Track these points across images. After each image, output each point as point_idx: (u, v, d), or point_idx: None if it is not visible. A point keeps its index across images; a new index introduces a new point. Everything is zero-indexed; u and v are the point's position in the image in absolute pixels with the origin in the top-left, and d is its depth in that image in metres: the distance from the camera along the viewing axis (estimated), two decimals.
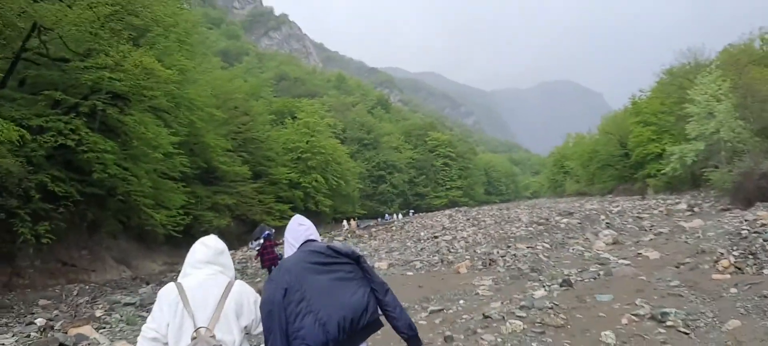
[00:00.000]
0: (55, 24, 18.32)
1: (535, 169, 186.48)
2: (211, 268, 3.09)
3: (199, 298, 2.89)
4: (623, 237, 18.49)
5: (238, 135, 38.36)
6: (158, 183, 23.34)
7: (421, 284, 13.27)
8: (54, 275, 18.74)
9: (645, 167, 55.67)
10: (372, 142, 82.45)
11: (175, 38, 24.75)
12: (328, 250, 3.17)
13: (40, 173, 17.68)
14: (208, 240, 3.22)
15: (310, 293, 2.95)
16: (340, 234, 37.05)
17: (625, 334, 6.67)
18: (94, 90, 19.77)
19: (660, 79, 55.70)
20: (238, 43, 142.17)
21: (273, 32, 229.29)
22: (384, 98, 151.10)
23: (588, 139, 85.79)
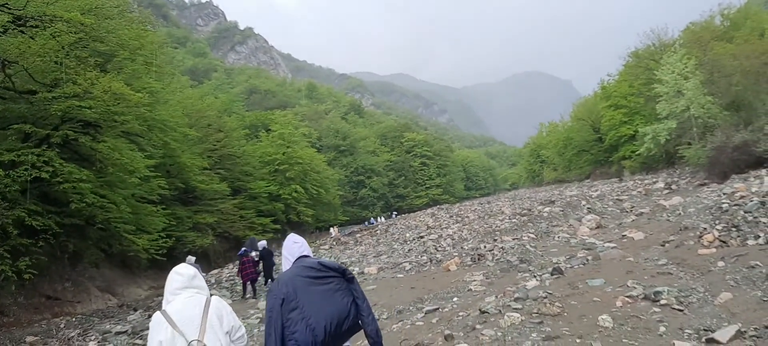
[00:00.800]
0: (19, 56, 18.02)
1: (511, 161, 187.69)
2: (188, 292, 3.66)
3: (185, 318, 3.47)
4: (606, 221, 18.74)
5: (214, 152, 38.04)
6: (137, 208, 23.04)
7: (412, 286, 13.30)
8: (39, 310, 18.38)
9: (619, 150, 56.37)
10: (348, 148, 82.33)
11: (142, 61, 24.44)
12: (319, 265, 3.83)
13: (16, 209, 17.34)
14: (180, 269, 3.78)
15: (303, 303, 3.61)
16: (326, 243, 36.92)
17: (622, 316, 6.74)
18: (65, 119, 19.49)
19: (626, 63, 56.44)
20: (206, 60, 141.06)
21: (239, 46, 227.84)
22: (356, 103, 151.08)
23: (561, 126, 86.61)
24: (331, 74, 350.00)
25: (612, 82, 60.93)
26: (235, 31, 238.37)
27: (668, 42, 48.37)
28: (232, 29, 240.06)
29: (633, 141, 50.67)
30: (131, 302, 21.73)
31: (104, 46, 21.28)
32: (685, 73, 37.05)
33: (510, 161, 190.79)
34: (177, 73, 43.00)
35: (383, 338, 7.05)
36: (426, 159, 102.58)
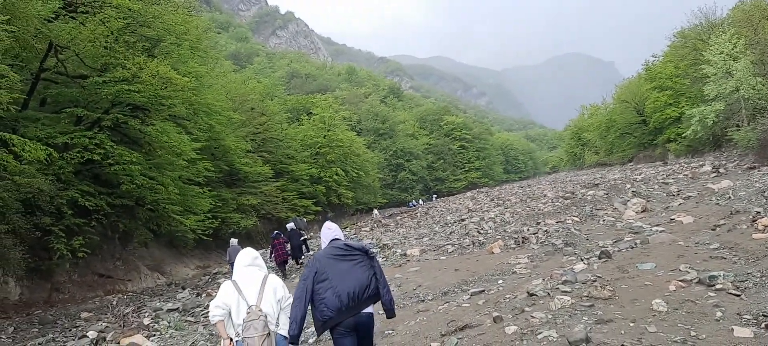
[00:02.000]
0: (71, 42, 18.54)
1: (552, 144, 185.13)
2: (252, 269, 4.98)
3: (248, 287, 4.75)
4: (652, 204, 18.39)
5: (257, 136, 38.55)
6: (184, 189, 23.59)
7: (456, 268, 13.29)
8: (92, 288, 19.05)
9: (664, 132, 55.04)
10: (387, 132, 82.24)
11: (188, 46, 24.88)
12: (345, 246, 4.94)
13: (70, 189, 17.98)
14: (247, 250, 5.21)
15: (332, 275, 4.69)
16: (367, 225, 37.16)
17: (676, 300, 6.62)
18: (115, 103, 20.02)
19: (672, 43, 54.83)
20: (248, 45, 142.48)
21: (280, 31, 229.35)
22: (396, 86, 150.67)
23: (603, 109, 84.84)
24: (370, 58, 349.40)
25: (657, 63, 59.37)
26: (277, 16, 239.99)
27: (716, 21, 46.89)
28: (273, 13, 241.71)
29: (678, 123, 49.45)
30: (179, 280, 22.32)
31: (151, 32, 21.72)
32: (735, 54, 35.93)
33: (550, 144, 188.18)
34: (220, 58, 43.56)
35: (429, 319, 7.44)
36: (465, 142, 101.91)
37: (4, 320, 14.69)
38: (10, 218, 15.72)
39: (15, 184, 15.15)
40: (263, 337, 4.46)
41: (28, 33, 17.02)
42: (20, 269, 16.41)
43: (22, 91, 18.15)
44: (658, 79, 54.95)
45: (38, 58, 18.88)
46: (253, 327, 4.46)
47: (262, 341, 4.44)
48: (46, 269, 17.69)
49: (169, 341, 9.86)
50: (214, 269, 24.77)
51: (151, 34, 22.00)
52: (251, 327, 4.47)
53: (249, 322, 4.50)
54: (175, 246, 25.80)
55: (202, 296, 15.92)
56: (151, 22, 21.44)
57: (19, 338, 12.57)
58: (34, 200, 16.71)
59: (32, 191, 15.95)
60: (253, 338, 4.43)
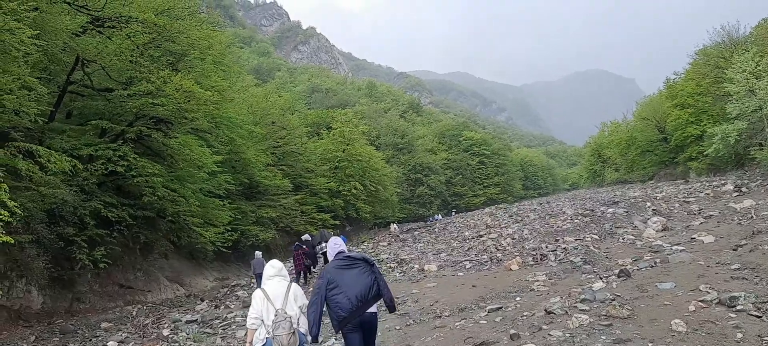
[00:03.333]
0: (97, 55, 18.88)
1: (571, 161, 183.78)
2: (277, 278, 6.00)
3: (275, 295, 5.78)
4: (672, 223, 18.23)
5: (277, 149, 38.84)
6: (205, 202, 23.80)
7: (474, 284, 13.28)
8: (112, 298, 19.28)
9: (685, 150, 54.47)
10: (406, 146, 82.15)
11: (211, 60, 25.19)
12: (348, 258, 5.97)
13: (93, 200, 18.26)
14: (273, 262, 6.24)
15: (341, 282, 5.72)
16: (384, 239, 37.13)
17: (696, 321, 6.57)
18: (138, 116, 20.32)
19: (694, 61, 54.28)
20: (270, 60, 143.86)
21: (302, 46, 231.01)
22: (415, 102, 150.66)
23: (624, 126, 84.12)
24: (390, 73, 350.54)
25: (679, 80, 58.84)
26: (298, 31, 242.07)
27: (739, 39, 46.41)
28: (295, 29, 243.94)
29: (700, 142, 48.91)
30: (198, 292, 22.48)
31: (176, 46, 22.04)
32: (758, 72, 35.49)
33: (570, 161, 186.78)
34: (243, 72, 44.05)
35: (446, 335, 7.51)
36: (484, 158, 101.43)
37: (26, 328, 14.93)
38: (35, 228, 16.01)
39: (40, 194, 15.45)
40: (290, 335, 5.51)
41: (56, 47, 17.42)
42: (43, 279, 16.69)
43: (49, 103, 18.53)
44: (680, 96, 54.45)
45: (65, 72, 19.28)
46: (281, 327, 5.49)
47: (288, 338, 5.49)
48: (68, 279, 17.95)
49: None
50: (233, 281, 24.90)
51: (175, 49, 22.33)
52: (280, 327, 5.49)
53: (278, 322, 5.52)
54: (194, 258, 26.01)
55: (221, 308, 16.04)
56: (175, 37, 21.76)
57: None
58: (58, 211, 17.02)
59: (56, 201, 16.25)
60: (282, 336, 5.46)
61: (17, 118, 15.47)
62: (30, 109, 15.27)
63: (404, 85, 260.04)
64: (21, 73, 14.88)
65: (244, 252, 30.83)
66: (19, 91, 14.77)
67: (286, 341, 5.46)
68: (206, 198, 24.20)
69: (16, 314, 15.55)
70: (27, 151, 14.83)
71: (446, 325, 9.44)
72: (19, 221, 13.92)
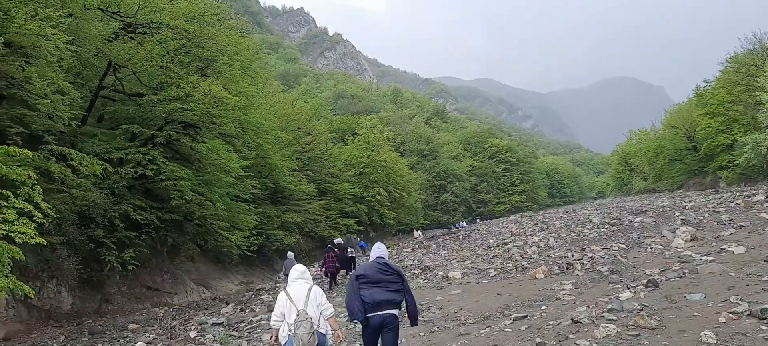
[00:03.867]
0: (129, 61, 19.28)
1: (598, 169, 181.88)
2: (300, 281, 6.46)
3: (297, 296, 6.23)
4: (702, 233, 17.94)
5: (303, 155, 39.09)
6: (231, 206, 24.04)
7: (498, 292, 13.23)
8: (140, 300, 19.57)
9: (715, 160, 53.68)
10: (431, 153, 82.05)
11: (239, 66, 25.48)
12: (385, 264, 6.58)
13: (122, 203, 18.58)
14: (297, 266, 6.69)
15: (370, 278, 6.41)
16: (408, 246, 37.14)
17: (726, 332, 6.48)
18: (168, 121, 20.67)
19: (725, 69, 53.57)
20: (296, 66, 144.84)
21: (328, 52, 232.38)
22: (440, 108, 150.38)
23: (652, 134, 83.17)
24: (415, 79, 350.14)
25: (709, 88, 58.04)
26: (325, 38, 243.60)
27: None
28: (321, 35, 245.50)
29: (731, 151, 48.18)
30: (223, 295, 22.70)
31: (205, 52, 22.36)
32: None
33: (596, 169, 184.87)
34: (270, 78, 44.45)
35: (471, 343, 7.58)
36: (509, 165, 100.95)
37: (56, 328, 15.22)
38: (66, 230, 16.35)
39: (71, 196, 15.78)
40: (310, 334, 5.92)
41: (89, 52, 17.82)
42: (73, 280, 17.02)
43: (82, 107, 18.97)
44: (710, 105, 53.69)
45: (98, 76, 19.71)
46: (302, 326, 5.91)
47: (309, 337, 5.90)
48: (97, 280, 18.28)
49: None
50: (258, 285, 25.09)
51: (204, 55, 22.65)
52: (301, 326, 5.91)
53: (299, 322, 5.94)
54: (220, 261, 26.29)
55: (246, 311, 16.18)
56: (205, 43, 22.08)
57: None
58: (89, 213, 17.36)
59: (87, 204, 16.59)
60: (303, 335, 5.88)
61: (51, 122, 15.86)
62: (63, 113, 15.63)
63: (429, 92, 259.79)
64: (55, 77, 15.24)
65: (269, 256, 31.07)
66: (53, 96, 15.13)
67: (307, 339, 5.89)
68: (232, 202, 24.45)
69: (47, 313, 15.86)
70: (60, 155, 15.17)
71: (471, 332, 9.43)
72: (51, 223, 14.22)
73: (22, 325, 14.69)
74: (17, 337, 13.80)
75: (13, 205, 10.70)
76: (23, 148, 12.46)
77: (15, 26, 13.76)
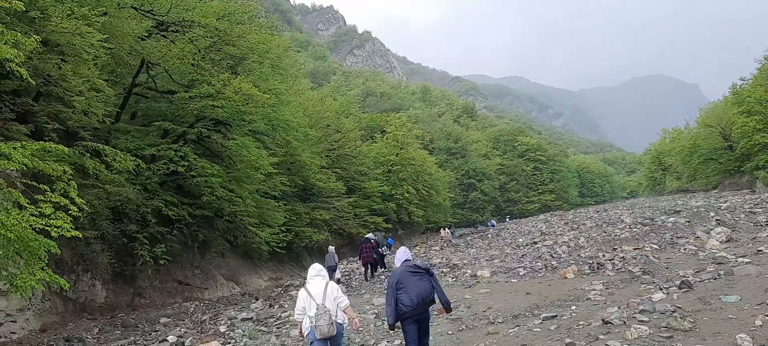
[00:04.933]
0: (161, 59, 19.57)
1: (630, 169, 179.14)
2: (318, 278, 7.11)
3: (315, 292, 6.87)
4: (737, 234, 17.57)
5: (332, 152, 39.23)
6: (261, 203, 24.26)
7: (528, 291, 13.11)
8: (171, 294, 19.86)
9: (752, 159, 52.35)
10: (460, 151, 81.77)
11: (269, 64, 25.67)
12: (414, 266, 7.25)
13: (155, 199, 18.89)
14: (314, 265, 7.38)
15: (406, 284, 7.00)
16: (436, 244, 37.05)
17: (763, 336, 6.32)
18: (199, 118, 20.91)
19: (762, 66, 52.20)
20: (325, 64, 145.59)
21: (357, 50, 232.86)
22: (469, 106, 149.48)
23: (686, 133, 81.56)
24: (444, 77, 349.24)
25: (745, 86, 56.61)
26: (354, 35, 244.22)
27: None
28: (350, 33, 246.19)
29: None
30: (253, 291, 22.92)
31: (235, 50, 22.57)
32: None
33: (628, 169, 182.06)
34: (299, 76, 44.70)
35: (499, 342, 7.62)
36: (539, 163, 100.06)
37: (90, 321, 15.53)
38: (100, 225, 16.66)
39: (105, 192, 16.09)
40: (330, 325, 6.62)
41: (123, 50, 18.12)
42: (107, 273, 17.35)
43: (116, 104, 19.32)
44: (747, 103, 52.36)
45: (131, 74, 20.05)
46: (322, 319, 6.59)
47: (328, 328, 6.60)
48: (130, 274, 18.59)
49: None
50: (287, 281, 25.28)
51: (235, 53, 22.88)
52: (321, 319, 6.59)
53: (319, 315, 6.62)
54: (249, 257, 26.53)
55: (275, 307, 16.30)
56: (235, 41, 22.30)
57: (104, 338, 13.26)
58: (122, 208, 17.67)
59: (121, 199, 16.89)
60: (323, 326, 6.57)
61: (86, 119, 16.18)
62: (98, 109, 15.94)
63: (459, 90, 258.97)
64: (90, 75, 15.55)
65: (297, 253, 31.25)
66: (88, 93, 15.44)
67: (327, 330, 6.60)
68: (262, 199, 24.67)
69: (81, 306, 16.20)
70: (94, 151, 15.47)
71: (499, 331, 9.36)
72: (86, 218, 14.51)
73: (58, 317, 15.03)
74: (53, 329, 14.11)
75: (50, 199, 10.93)
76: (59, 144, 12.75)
77: (52, 25, 14.07)
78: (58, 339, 12.86)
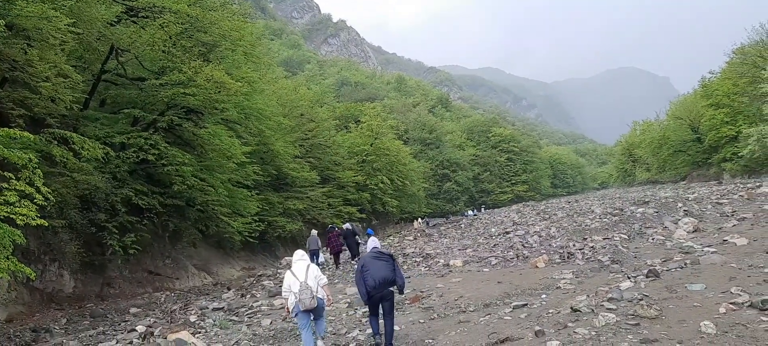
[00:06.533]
0: (131, 45, 19.21)
1: (601, 160, 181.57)
2: (301, 261, 8.42)
3: (299, 272, 8.15)
4: (704, 224, 17.89)
5: (305, 141, 39.02)
6: (233, 192, 24.05)
7: (499, 280, 13.22)
8: (141, 284, 19.62)
9: (719, 151, 53.53)
10: (434, 142, 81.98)
11: (242, 51, 25.41)
12: (378, 252, 8.66)
13: (124, 188, 18.59)
14: (297, 251, 8.74)
15: (370, 267, 8.32)
16: (410, 234, 37.14)
17: (726, 323, 6.43)
18: (170, 106, 20.58)
19: (731, 60, 53.20)
20: (300, 52, 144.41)
21: (332, 39, 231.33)
22: (444, 97, 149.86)
23: (656, 125, 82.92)
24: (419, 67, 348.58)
25: (714, 80, 57.72)
26: (329, 24, 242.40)
27: None
28: (325, 22, 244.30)
29: (735, 142, 48.01)
30: (225, 280, 22.75)
31: (207, 37, 22.26)
32: None
33: (600, 160, 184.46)
34: (273, 64, 44.36)
35: (470, 330, 7.67)
36: (512, 155, 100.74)
37: (58, 311, 15.28)
38: (68, 213, 16.37)
39: (73, 180, 15.78)
40: (312, 298, 7.88)
41: (91, 35, 17.75)
42: (75, 263, 17.06)
43: (84, 91, 18.91)
44: (715, 96, 53.47)
45: (100, 60, 19.64)
46: (304, 292, 7.86)
47: (310, 300, 7.85)
48: (99, 264, 18.32)
49: (214, 338, 10.10)
50: (259, 271, 25.13)
51: (207, 40, 22.55)
52: (304, 292, 7.86)
53: (302, 290, 7.88)
54: (222, 247, 26.32)
55: (247, 297, 16.20)
56: (207, 28, 21.99)
57: (72, 329, 13.06)
58: (91, 197, 17.36)
59: (89, 187, 16.58)
60: (306, 299, 7.84)
61: (53, 105, 15.83)
62: (65, 96, 15.61)
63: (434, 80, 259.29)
64: (57, 60, 15.20)
65: (271, 243, 31.09)
66: (55, 79, 15.10)
67: (309, 302, 7.86)
68: (234, 188, 24.46)
69: (49, 296, 15.92)
70: (61, 138, 15.15)
71: (470, 320, 9.42)
72: (53, 206, 14.24)
73: (24, 307, 14.75)
74: (19, 319, 13.85)
75: (15, 187, 10.71)
76: (25, 131, 12.47)
77: (17, 8, 13.72)
78: (24, 330, 12.62)
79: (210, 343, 9.59)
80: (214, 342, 9.68)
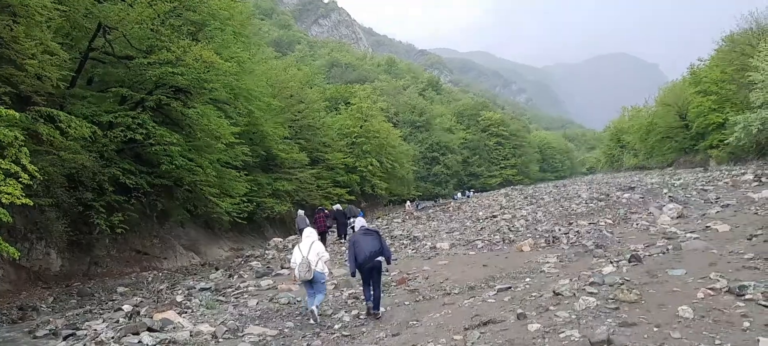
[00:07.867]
0: (119, 23, 19.00)
1: (590, 145, 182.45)
2: (307, 238, 9.93)
3: (304, 247, 9.68)
4: (688, 210, 18.06)
5: (295, 123, 38.94)
6: (222, 172, 24.01)
7: (484, 263, 13.34)
8: (129, 263, 19.63)
9: (706, 138, 53.90)
10: (424, 125, 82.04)
11: (231, 31, 25.24)
12: (366, 229, 10.13)
13: (112, 167, 18.52)
14: (306, 229, 10.53)
15: (361, 242, 9.71)
16: (399, 216, 37.28)
17: (703, 308, 6.54)
18: (158, 85, 20.45)
19: (719, 47, 53.35)
20: (290, 33, 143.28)
21: (322, 20, 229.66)
22: (434, 80, 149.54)
23: (645, 111, 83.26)
24: (410, 50, 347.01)
25: (703, 67, 57.96)
26: (319, 5, 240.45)
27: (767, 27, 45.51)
28: (316, 2, 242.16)
29: (722, 130, 48.26)
30: (213, 261, 22.80)
31: (196, 16, 22.09)
32: None
33: (588, 145, 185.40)
34: (263, 44, 44.08)
35: (454, 312, 7.79)
36: (501, 138, 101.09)
37: (45, 289, 15.28)
38: (55, 192, 16.31)
39: (60, 159, 15.71)
40: (307, 271, 9.28)
41: (78, 13, 17.58)
42: (62, 242, 17.05)
43: (71, 69, 18.74)
44: (703, 83, 53.72)
45: (87, 38, 19.44)
46: (302, 266, 9.32)
47: (306, 273, 9.28)
48: (86, 243, 18.31)
49: (200, 318, 10.15)
50: (247, 251, 25.15)
51: (196, 18, 22.38)
52: (301, 266, 9.33)
53: (301, 264, 9.34)
54: (210, 227, 26.34)
55: (234, 277, 16.25)
56: (196, 6, 21.82)
57: (59, 308, 13.08)
58: (78, 176, 17.29)
59: (76, 166, 16.50)
60: (302, 272, 9.30)
61: (39, 83, 15.70)
62: (52, 74, 15.49)
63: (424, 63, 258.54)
64: (43, 37, 15.08)
65: (259, 223, 31.12)
66: (41, 56, 14.98)
67: (303, 275, 9.31)
68: (223, 169, 24.42)
69: (36, 275, 15.91)
70: (48, 116, 15.06)
71: (455, 302, 9.54)
72: (40, 185, 14.19)
73: (11, 285, 14.75)
74: (6, 297, 13.83)
75: (0, 165, 10.66)
76: (11, 109, 12.39)
77: None
78: (11, 308, 12.63)
79: (196, 323, 9.64)
80: (201, 322, 9.74)
